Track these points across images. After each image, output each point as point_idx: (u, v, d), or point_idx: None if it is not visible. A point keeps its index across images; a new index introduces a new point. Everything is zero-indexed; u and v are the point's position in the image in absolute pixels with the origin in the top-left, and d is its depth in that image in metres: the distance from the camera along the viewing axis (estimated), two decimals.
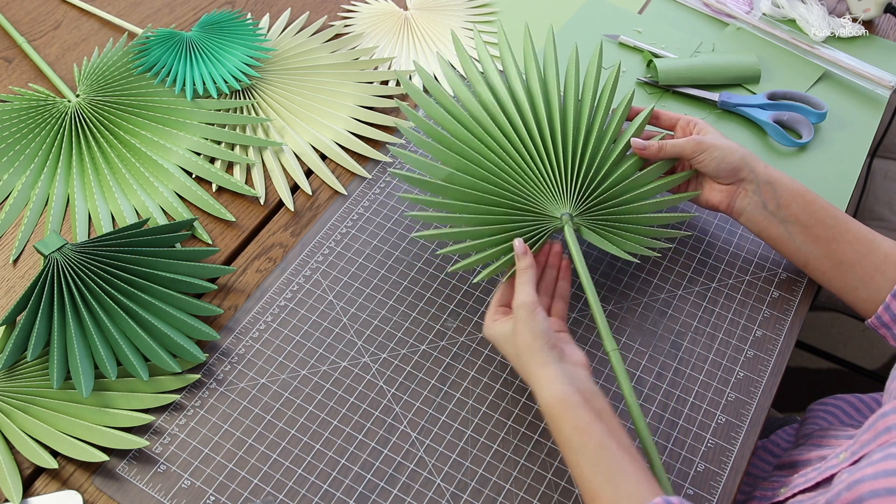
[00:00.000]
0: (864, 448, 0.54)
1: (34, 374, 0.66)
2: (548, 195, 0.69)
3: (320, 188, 0.81)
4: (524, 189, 0.69)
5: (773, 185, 0.68)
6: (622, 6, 1.02)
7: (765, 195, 0.68)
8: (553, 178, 0.70)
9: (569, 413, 0.56)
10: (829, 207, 0.68)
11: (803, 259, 0.69)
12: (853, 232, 0.67)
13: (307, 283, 0.74)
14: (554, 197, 0.69)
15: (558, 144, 0.71)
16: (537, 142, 0.71)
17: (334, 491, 0.62)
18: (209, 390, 0.67)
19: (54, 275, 0.67)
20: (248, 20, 0.92)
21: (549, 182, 0.70)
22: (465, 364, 0.69)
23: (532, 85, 0.75)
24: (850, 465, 0.55)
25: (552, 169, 0.70)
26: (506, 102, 0.74)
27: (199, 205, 0.78)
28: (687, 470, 0.64)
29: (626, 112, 0.74)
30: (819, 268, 0.69)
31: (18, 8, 0.97)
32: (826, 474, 0.58)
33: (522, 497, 0.62)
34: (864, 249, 0.66)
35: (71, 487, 0.62)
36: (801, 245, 0.69)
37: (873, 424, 0.54)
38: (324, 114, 0.86)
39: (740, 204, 0.70)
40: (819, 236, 0.68)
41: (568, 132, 0.72)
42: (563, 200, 0.69)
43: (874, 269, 0.66)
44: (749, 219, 0.70)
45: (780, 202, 0.68)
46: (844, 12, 1.01)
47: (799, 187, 0.68)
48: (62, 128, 0.83)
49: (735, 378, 0.69)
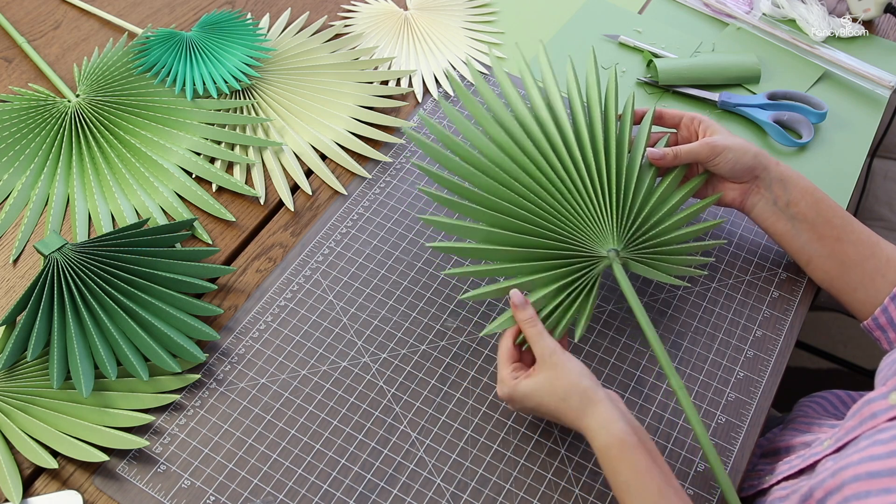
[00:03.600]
0: (849, 434, 0.54)
1: (34, 374, 0.66)
2: (590, 233, 0.66)
3: (320, 188, 0.81)
4: (566, 231, 0.66)
5: (785, 183, 0.69)
6: (622, 6, 1.02)
7: (776, 192, 0.69)
8: (594, 213, 0.66)
9: (627, 455, 0.54)
10: (837, 208, 0.68)
11: (806, 256, 0.70)
12: (858, 233, 0.67)
13: (307, 283, 0.74)
14: (596, 234, 0.65)
15: (594, 177, 0.67)
16: (574, 177, 0.67)
17: (334, 491, 0.62)
18: (209, 390, 0.67)
19: (54, 275, 0.67)
20: (248, 20, 0.92)
21: (591, 218, 0.66)
22: (465, 364, 0.69)
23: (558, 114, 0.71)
24: (834, 451, 0.55)
25: (592, 204, 0.66)
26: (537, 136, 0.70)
27: (199, 205, 0.78)
28: (687, 470, 0.64)
29: (633, 118, 0.73)
30: (821, 266, 0.69)
31: (18, 8, 0.97)
32: (810, 461, 0.58)
33: (522, 497, 0.62)
34: (867, 252, 0.67)
35: (71, 487, 0.62)
36: (806, 242, 0.69)
37: (859, 411, 0.54)
38: (324, 114, 0.86)
39: (752, 200, 0.71)
40: (824, 235, 0.68)
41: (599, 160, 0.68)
42: (607, 235, 0.65)
43: (875, 271, 0.66)
44: (759, 214, 0.71)
45: (790, 199, 0.68)
46: (844, 12, 1.01)
47: (808, 185, 0.69)
48: (62, 128, 0.83)
49: (735, 378, 0.69)
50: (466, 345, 0.70)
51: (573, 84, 0.73)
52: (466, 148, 0.69)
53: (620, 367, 0.69)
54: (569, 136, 0.70)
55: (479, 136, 0.70)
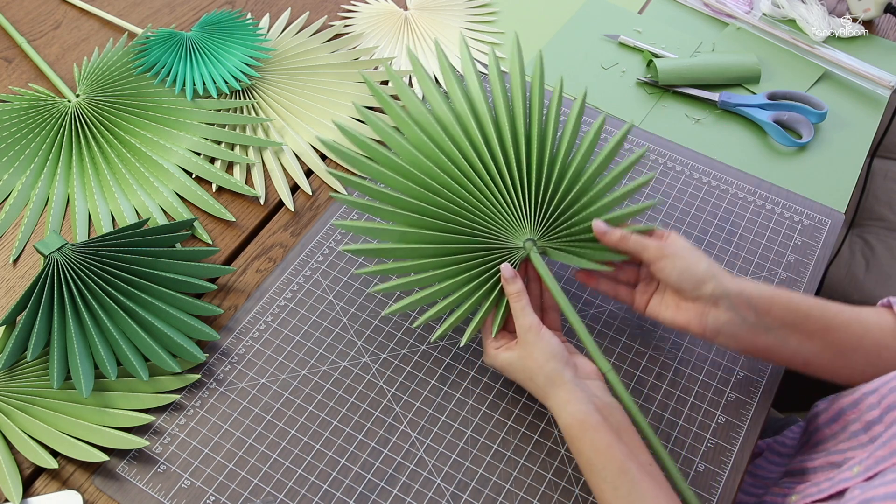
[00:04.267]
0: (880, 465, 0.53)
1: (34, 374, 0.66)
2: (506, 225, 0.66)
3: (320, 188, 0.81)
4: (482, 225, 0.66)
5: (746, 296, 0.61)
6: (622, 6, 1.02)
7: (742, 309, 0.61)
8: (510, 205, 0.67)
9: (588, 435, 0.56)
10: (808, 299, 0.62)
11: (802, 360, 0.62)
12: (841, 315, 0.62)
13: (307, 283, 0.74)
14: (513, 226, 0.66)
15: (513, 169, 0.67)
16: (492, 171, 0.68)
17: (334, 491, 0.62)
18: (209, 390, 0.67)
19: (54, 275, 0.67)
20: (248, 20, 0.92)
21: (506, 210, 0.66)
22: (465, 364, 0.69)
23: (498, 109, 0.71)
24: (863, 480, 0.54)
25: (508, 196, 0.67)
26: (454, 133, 0.70)
27: (199, 205, 0.78)
28: (687, 470, 0.64)
29: (597, 136, 0.69)
30: (821, 364, 0.62)
31: (18, 8, 0.97)
32: (839, 487, 0.57)
33: (522, 497, 0.62)
34: (859, 330, 0.61)
35: (71, 487, 0.62)
36: (798, 346, 0.61)
37: (888, 442, 0.54)
38: (324, 114, 0.86)
39: (714, 323, 0.61)
40: (812, 331, 0.61)
41: (519, 152, 0.68)
42: (524, 226, 0.66)
43: (877, 346, 0.61)
44: (730, 337, 0.62)
45: (759, 310, 0.61)
46: (844, 12, 1.01)
47: (770, 289, 0.62)
48: (62, 128, 0.83)
49: (735, 378, 0.69)
50: (466, 345, 0.70)
51: (495, 78, 0.72)
52: (381, 151, 0.69)
53: (620, 367, 0.69)
54: (488, 130, 0.69)
55: (393, 137, 0.70)
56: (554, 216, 0.67)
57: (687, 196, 0.81)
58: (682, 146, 0.85)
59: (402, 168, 0.68)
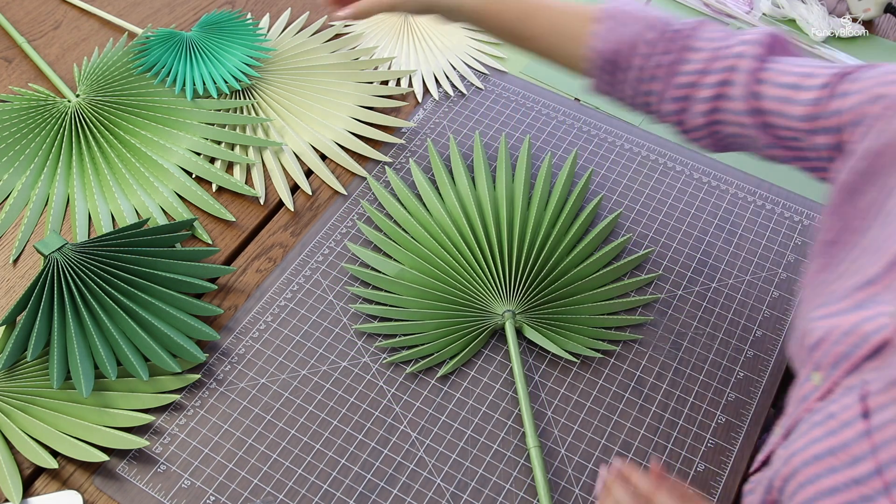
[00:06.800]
0: (790, 420, 0.54)
1: (34, 374, 0.66)
2: (493, 294, 0.71)
3: (320, 188, 0.81)
4: (470, 287, 0.72)
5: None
6: None
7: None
8: (498, 276, 0.72)
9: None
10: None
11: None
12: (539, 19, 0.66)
13: (307, 283, 0.74)
14: (499, 296, 0.71)
15: (504, 244, 0.74)
16: (483, 244, 0.74)
17: (334, 491, 0.62)
18: (209, 390, 0.67)
19: (54, 275, 0.67)
20: (248, 20, 0.92)
21: (495, 281, 0.72)
22: (464, 364, 0.69)
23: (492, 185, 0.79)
24: (782, 439, 0.55)
25: (497, 268, 0.72)
26: (467, 203, 0.77)
27: (199, 205, 0.78)
28: (687, 470, 0.64)
29: (583, 192, 0.78)
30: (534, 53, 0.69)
31: (18, 8, 0.97)
32: (766, 452, 0.58)
33: (522, 497, 0.62)
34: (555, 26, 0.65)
35: (71, 487, 0.62)
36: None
37: (793, 396, 0.54)
38: (324, 114, 0.86)
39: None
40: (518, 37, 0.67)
41: (524, 233, 0.75)
42: (508, 298, 0.71)
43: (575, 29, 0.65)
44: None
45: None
46: (844, 12, 1.01)
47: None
48: (62, 128, 0.83)
49: (735, 378, 0.69)
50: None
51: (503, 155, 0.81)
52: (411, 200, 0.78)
53: (620, 368, 0.69)
54: (485, 207, 0.77)
55: (409, 198, 0.78)
56: (538, 293, 0.71)
57: (687, 196, 0.81)
58: (682, 146, 0.85)
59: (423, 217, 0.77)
